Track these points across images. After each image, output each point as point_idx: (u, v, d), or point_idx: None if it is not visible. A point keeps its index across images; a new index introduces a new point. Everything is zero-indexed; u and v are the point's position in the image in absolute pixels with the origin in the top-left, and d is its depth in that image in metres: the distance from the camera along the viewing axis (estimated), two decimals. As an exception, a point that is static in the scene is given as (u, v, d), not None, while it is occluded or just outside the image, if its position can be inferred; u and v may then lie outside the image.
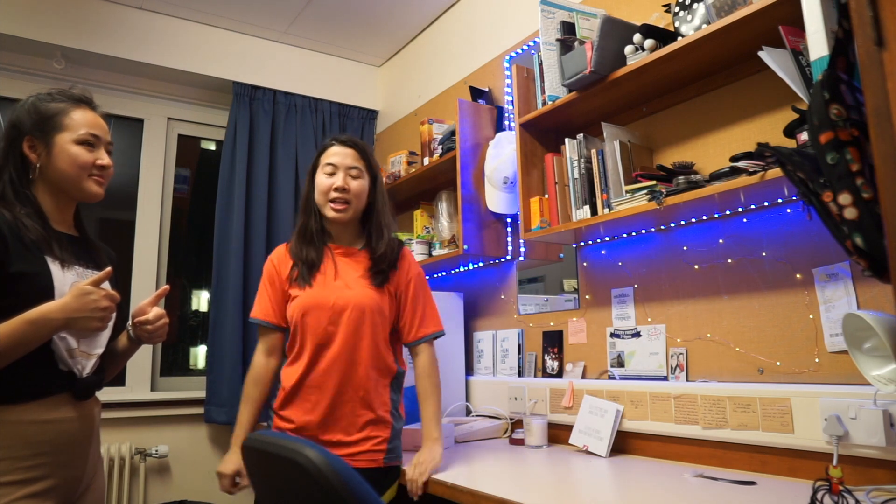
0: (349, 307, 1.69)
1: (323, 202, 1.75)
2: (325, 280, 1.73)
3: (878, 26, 0.72)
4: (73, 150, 1.40)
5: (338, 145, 1.78)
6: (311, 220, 1.79)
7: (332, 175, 1.74)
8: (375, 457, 1.69)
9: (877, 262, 0.99)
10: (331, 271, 1.74)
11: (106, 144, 1.48)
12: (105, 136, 1.48)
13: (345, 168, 1.75)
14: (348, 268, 1.76)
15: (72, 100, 1.45)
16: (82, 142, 1.41)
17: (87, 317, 1.26)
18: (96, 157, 1.44)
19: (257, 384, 1.78)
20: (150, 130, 3.18)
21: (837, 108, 0.98)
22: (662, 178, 1.69)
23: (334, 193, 1.73)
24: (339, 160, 1.75)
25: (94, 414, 1.44)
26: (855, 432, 1.34)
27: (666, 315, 1.88)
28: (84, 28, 2.84)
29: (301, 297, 1.72)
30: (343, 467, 1.08)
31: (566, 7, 1.98)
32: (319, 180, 1.76)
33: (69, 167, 1.40)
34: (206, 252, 3.17)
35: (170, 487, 2.92)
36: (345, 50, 3.49)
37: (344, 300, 1.70)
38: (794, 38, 1.40)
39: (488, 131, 2.54)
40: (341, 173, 1.74)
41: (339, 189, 1.72)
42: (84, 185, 1.43)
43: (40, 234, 1.35)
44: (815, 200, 1.08)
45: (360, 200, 1.77)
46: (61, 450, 1.33)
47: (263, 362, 1.79)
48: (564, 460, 1.81)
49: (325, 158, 1.77)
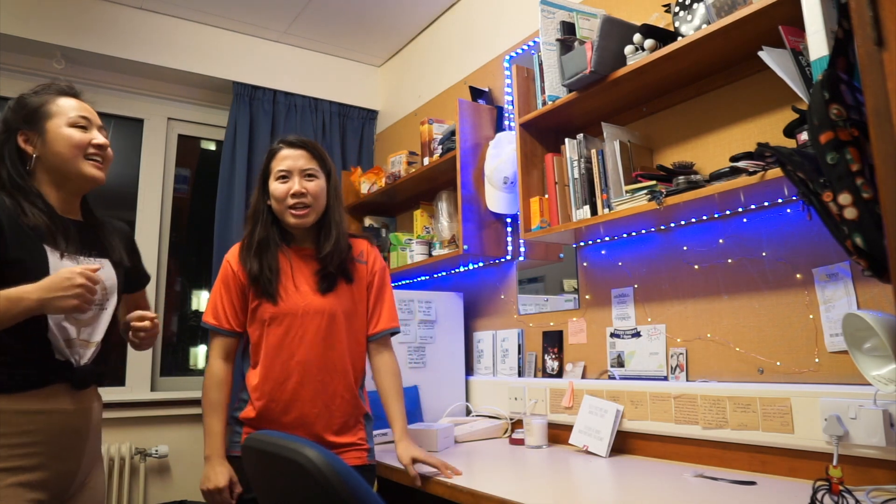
0: (320, 312, 1.66)
1: (282, 210, 1.67)
2: (287, 289, 1.66)
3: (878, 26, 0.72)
4: (66, 132, 1.41)
5: (287, 147, 1.70)
6: (258, 230, 1.69)
7: (286, 180, 1.67)
8: (360, 454, 1.68)
9: (877, 262, 0.99)
10: (290, 279, 1.68)
11: (98, 127, 1.48)
12: (95, 119, 1.48)
13: (298, 171, 1.67)
14: (306, 271, 1.70)
15: (56, 91, 1.46)
16: (74, 124, 1.42)
17: (61, 296, 1.24)
18: (91, 136, 1.44)
19: (220, 388, 1.67)
20: (150, 130, 3.18)
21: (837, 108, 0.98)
22: (662, 178, 1.69)
23: (292, 199, 1.65)
24: (292, 164, 1.67)
25: (92, 408, 1.44)
26: (855, 432, 1.34)
27: (666, 315, 1.88)
28: (84, 28, 2.84)
29: (266, 307, 1.65)
30: (343, 467, 1.08)
31: (566, 7, 1.98)
32: (274, 187, 1.67)
33: (65, 149, 1.40)
34: (206, 252, 3.17)
35: (170, 487, 2.92)
36: (345, 50, 3.49)
37: (314, 306, 1.66)
38: (794, 38, 1.40)
39: (488, 131, 2.54)
40: (296, 177, 1.66)
41: (297, 194, 1.65)
42: (82, 168, 1.43)
43: (42, 221, 1.35)
44: (815, 200, 1.08)
45: (320, 202, 1.70)
46: (55, 441, 1.33)
47: (222, 367, 1.69)
48: (564, 460, 1.81)
49: (276, 164, 1.69)
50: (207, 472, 1.61)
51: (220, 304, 1.70)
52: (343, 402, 1.68)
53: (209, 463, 1.62)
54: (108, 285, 1.46)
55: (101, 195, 1.52)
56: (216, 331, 1.70)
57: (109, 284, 1.47)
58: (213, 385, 1.67)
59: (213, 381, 1.68)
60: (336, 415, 1.67)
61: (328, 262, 1.69)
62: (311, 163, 1.70)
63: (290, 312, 1.65)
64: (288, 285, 1.67)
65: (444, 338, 2.54)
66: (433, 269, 2.80)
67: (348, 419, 1.69)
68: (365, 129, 3.61)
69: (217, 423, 1.65)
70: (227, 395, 1.69)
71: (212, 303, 1.72)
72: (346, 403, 1.68)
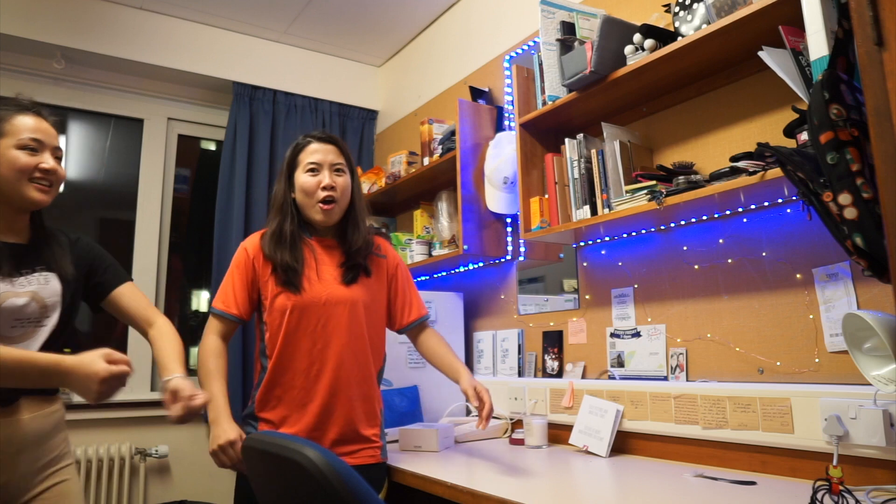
0: (342, 303, 1.68)
1: (309, 203, 1.69)
2: (310, 279, 1.69)
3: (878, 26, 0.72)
4: (12, 155, 1.39)
5: (317, 142, 1.72)
6: (286, 223, 1.70)
7: (316, 173, 1.69)
8: (374, 453, 1.69)
9: (877, 261, 0.99)
10: (313, 270, 1.70)
11: (52, 149, 1.45)
12: (51, 141, 1.46)
13: (329, 165, 1.70)
14: (330, 263, 1.73)
15: (18, 107, 1.44)
16: (23, 147, 1.40)
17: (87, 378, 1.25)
18: (38, 160, 1.41)
19: (218, 357, 1.66)
20: (150, 130, 3.18)
21: (837, 108, 0.98)
22: (662, 178, 1.69)
23: (322, 193, 1.67)
24: (322, 157, 1.69)
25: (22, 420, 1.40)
26: (855, 432, 1.34)
27: (666, 315, 1.88)
28: (84, 28, 2.84)
29: (289, 297, 1.66)
30: (343, 467, 1.08)
31: (566, 7, 1.98)
32: (303, 179, 1.69)
33: (7, 171, 1.38)
34: (206, 252, 3.17)
35: (170, 487, 2.92)
36: (345, 50, 3.49)
37: (336, 296, 1.68)
38: (794, 38, 1.40)
39: (488, 131, 2.54)
40: (326, 171, 1.69)
41: (328, 187, 1.67)
42: (24, 191, 1.40)
43: None
44: (815, 200, 1.08)
45: (345, 198, 1.73)
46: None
47: (218, 341, 1.68)
48: (564, 460, 1.81)
49: (305, 157, 1.71)
50: (216, 432, 1.58)
51: (230, 290, 1.70)
52: (362, 393, 1.69)
53: (216, 424, 1.58)
54: (50, 302, 1.45)
55: (102, 195, 1.52)
56: (222, 315, 1.69)
57: (52, 301, 1.45)
58: (210, 354, 1.66)
59: (209, 351, 1.66)
60: (357, 405, 1.68)
61: (357, 255, 1.73)
62: (340, 158, 1.73)
63: (314, 302, 1.67)
64: (311, 276, 1.69)
65: (445, 338, 2.53)
66: (433, 269, 2.80)
67: (368, 410, 1.71)
68: (365, 129, 3.61)
69: (218, 388, 1.62)
70: (224, 363, 1.67)
71: (223, 289, 1.72)
72: (365, 394, 1.70)
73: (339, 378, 1.66)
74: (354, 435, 1.67)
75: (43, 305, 1.43)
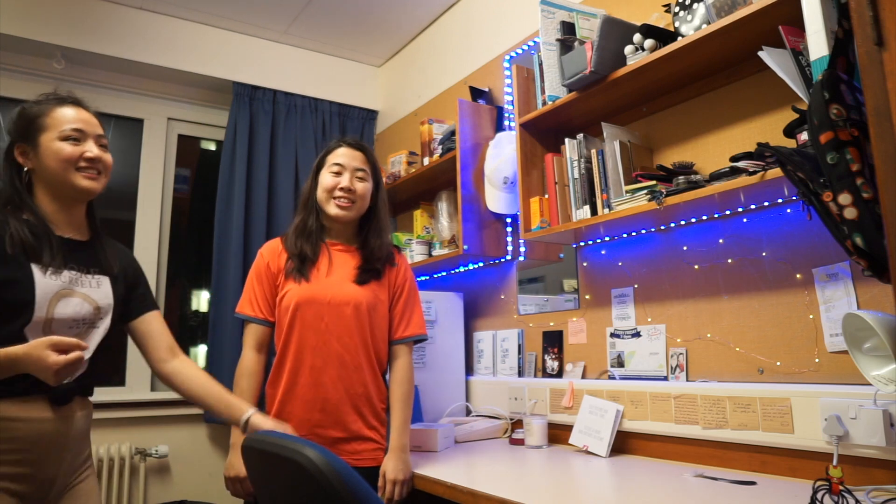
0: (347, 303, 1.70)
1: (326, 199, 1.76)
2: (319, 275, 1.73)
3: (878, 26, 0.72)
4: (56, 146, 1.40)
5: (346, 147, 1.81)
6: (310, 218, 1.79)
7: (339, 175, 1.76)
8: (377, 455, 1.69)
9: (877, 261, 0.99)
10: (325, 267, 1.75)
11: (95, 137, 1.47)
12: (93, 129, 1.47)
13: (352, 169, 1.77)
14: (344, 264, 1.77)
15: (56, 100, 1.45)
16: (66, 137, 1.42)
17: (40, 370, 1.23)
18: (82, 150, 1.43)
19: (250, 377, 1.72)
20: (150, 130, 3.18)
21: (837, 108, 0.98)
22: (662, 178, 1.69)
23: (339, 192, 1.74)
24: (347, 161, 1.77)
25: (74, 417, 1.42)
26: (855, 432, 1.34)
27: (666, 315, 1.88)
28: (84, 28, 2.84)
29: (295, 291, 1.71)
30: (343, 467, 1.08)
31: (566, 7, 1.98)
32: (324, 178, 1.77)
33: (54, 163, 1.40)
34: (206, 252, 3.17)
35: (170, 487, 2.92)
36: (345, 50, 3.49)
37: (342, 295, 1.71)
38: (794, 38, 1.40)
39: (488, 131, 2.54)
40: (348, 174, 1.76)
41: (345, 189, 1.74)
42: (73, 180, 1.42)
43: (25, 238, 1.34)
44: (815, 200, 1.08)
45: (364, 202, 1.79)
46: (32, 448, 1.33)
47: (254, 357, 1.74)
48: (564, 460, 1.81)
49: (332, 158, 1.79)
50: (232, 460, 1.66)
51: (253, 295, 1.77)
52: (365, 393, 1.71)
53: (234, 451, 1.65)
54: (104, 304, 1.46)
55: (102, 195, 1.52)
56: (250, 320, 1.76)
57: (105, 304, 1.46)
58: (244, 374, 1.72)
59: (244, 370, 1.73)
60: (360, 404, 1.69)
61: (376, 259, 1.78)
62: (365, 164, 1.80)
63: (319, 298, 1.70)
64: (322, 270, 1.74)
65: (445, 338, 2.53)
66: (433, 269, 2.80)
67: (371, 411, 1.71)
68: (365, 129, 3.61)
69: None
70: (257, 384, 1.73)
71: (245, 295, 1.79)
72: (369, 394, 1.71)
73: (342, 377, 1.67)
74: (357, 435, 1.68)
75: (97, 308, 1.44)
